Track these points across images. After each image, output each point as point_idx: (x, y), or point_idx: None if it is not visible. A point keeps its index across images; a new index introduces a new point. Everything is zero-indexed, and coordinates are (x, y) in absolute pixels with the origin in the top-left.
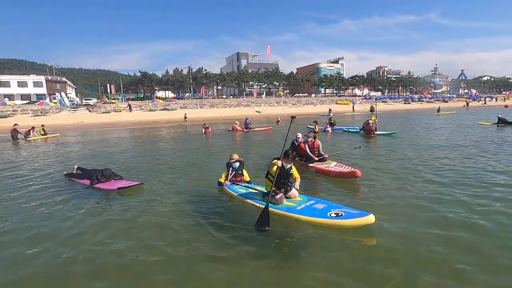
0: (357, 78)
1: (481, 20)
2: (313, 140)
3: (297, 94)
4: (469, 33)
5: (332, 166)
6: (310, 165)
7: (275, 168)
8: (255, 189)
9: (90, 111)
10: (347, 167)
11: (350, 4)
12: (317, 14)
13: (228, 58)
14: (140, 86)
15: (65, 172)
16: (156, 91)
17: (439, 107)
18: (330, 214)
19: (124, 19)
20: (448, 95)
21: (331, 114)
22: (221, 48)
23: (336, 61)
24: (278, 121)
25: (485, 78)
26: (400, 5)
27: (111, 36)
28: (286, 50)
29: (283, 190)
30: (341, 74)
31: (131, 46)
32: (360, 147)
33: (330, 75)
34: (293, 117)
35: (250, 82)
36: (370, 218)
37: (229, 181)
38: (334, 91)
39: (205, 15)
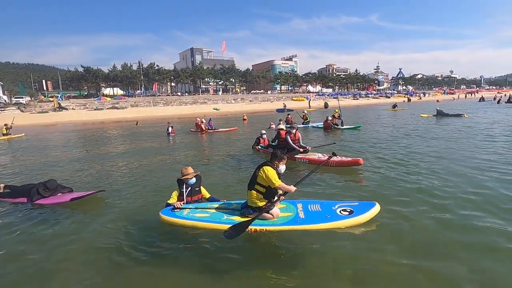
0: (310, 75)
1: (413, 23)
2: (295, 132)
3: (254, 91)
4: (404, 35)
5: (321, 157)
6: (298, 156)
7: (273, 172)
8: (219, 207)
9: (22, 111)
10: (340, 156)
11: (299, 3)
12: (269, 12)
13: (182, 54)
14: (83, 83)
15: None
16: (103, 88)
17: (395, 103)
18: (340, 212)
19: (60, 6)
20: (390, 91)
21: (305, 111)
22: (173, 43)
23: (290, 59)
24: (244, 120)
25: (419, 76)
26: (345, 7)
27: (45, 26)
28: (240, 47)
29: (274, 200)
30: (295, 71)
31: (70, 38)
32: (334, 143)
33: (285, 72)
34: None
35: (206, 79)
36: (378, 207)
37: (184, 201)
38: (289, 88)
39: (153, 7)
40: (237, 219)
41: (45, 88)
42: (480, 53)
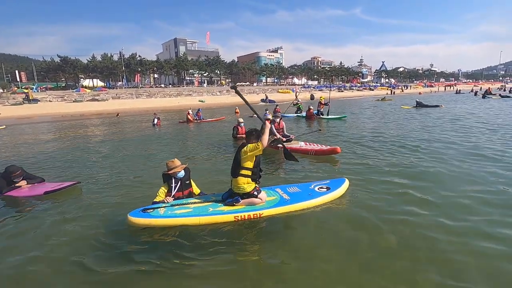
0: (296, 67)
1: (395, 17)
2: (279, 121)
3: (239, 83)
4: (387, 29)
5: (303, 145)
6: (281, 146)
7: (254, 150)
8: (197, 202)
9: None
10: (319, 145)
11: None
12: (254, 3)
13: (165, 44)
14: (60, 74)
15: None
16: (82, 79)
17: (385, 96)
18: (319, 190)
19: None
20: (373, 84)
21: (299, 100)
22: (156, 34)
23: (275, 51)
24: (236, 113)
25: (400, 69)
26: None
27: (16, 14)
28: (225, 38)
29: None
30: (281, 63)
31: (45, 28)
32: (320, 130)
33: (271, 64)
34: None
35: (191, 70)
36: (347, 182)
37: (174, 197)
38: (275, 80)
39: None
40: (225, 209)
41: (18, 79)
42: (457, 47)
